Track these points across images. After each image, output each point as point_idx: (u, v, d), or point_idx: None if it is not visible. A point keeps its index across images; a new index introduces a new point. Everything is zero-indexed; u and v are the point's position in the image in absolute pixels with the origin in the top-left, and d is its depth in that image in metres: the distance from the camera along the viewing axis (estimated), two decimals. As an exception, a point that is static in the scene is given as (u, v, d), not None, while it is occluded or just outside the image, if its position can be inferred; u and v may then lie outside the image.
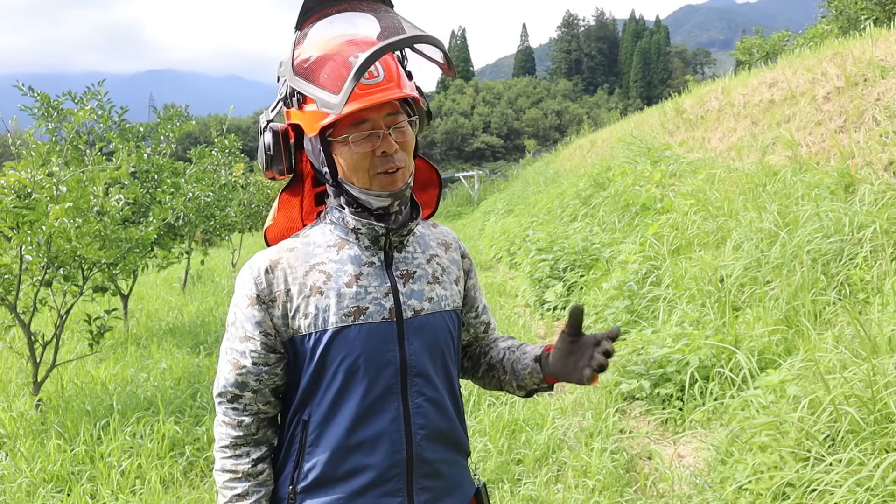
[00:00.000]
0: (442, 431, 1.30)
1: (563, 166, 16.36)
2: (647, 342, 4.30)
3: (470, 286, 1.46)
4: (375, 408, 1.24)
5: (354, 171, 1.22)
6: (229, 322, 1.30)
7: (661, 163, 8.19)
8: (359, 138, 1.20)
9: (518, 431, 3.72)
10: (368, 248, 1.28)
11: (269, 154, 1.28)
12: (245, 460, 1.27)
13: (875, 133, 5.01)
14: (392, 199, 1.24)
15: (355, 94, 1.15)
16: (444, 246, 1.41)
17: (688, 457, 3.39)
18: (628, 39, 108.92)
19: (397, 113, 1.22)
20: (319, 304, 1.23)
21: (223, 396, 1.28)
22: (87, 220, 4.09)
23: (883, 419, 2.57)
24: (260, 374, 1.26)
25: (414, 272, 1.31)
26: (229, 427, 1.28)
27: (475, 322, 1.50)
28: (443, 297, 1.34)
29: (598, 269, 6.39)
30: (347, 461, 1.23)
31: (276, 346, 1.26)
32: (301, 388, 1.26)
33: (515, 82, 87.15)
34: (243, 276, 1.28)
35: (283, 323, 1.25)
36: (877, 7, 12.95)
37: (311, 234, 1.32)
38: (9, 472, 3.40)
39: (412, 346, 1.27)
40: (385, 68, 1.19)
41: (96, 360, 5.55)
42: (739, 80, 9.22)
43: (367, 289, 1.25)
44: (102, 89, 4.95)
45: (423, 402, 1.27)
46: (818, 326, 3.67)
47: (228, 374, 1.27)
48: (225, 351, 1.29)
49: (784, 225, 4.61)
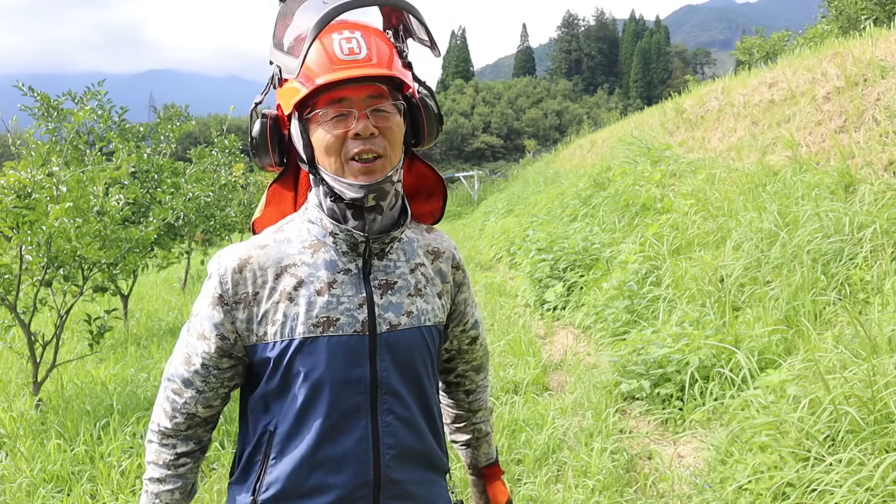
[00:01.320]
0: (413, 451, 1.23)
1: (563, 166, 16.36)
2: (647, 342, 4.30)
3: (461, 300, 1.36)
4: (342, 425, 1.16)
5: (326, 154, 1.13)
6: (193, 311, 1.22)
7: (661, 163, 8.19)
8: (331, 116, 1.11)
9: (518, 431, 3.72)
10: (346, 254, 1.18)
11: (255, 141, 1.18)
12: (169, 452, 1.23)
13: (875, 133, 5.01)
14: (366, 192, 1.13)
15: (329, 68, 1.08)
16: (433, 254, 1.30)
17: (688, 457, 3.39)
18: (628, 39, 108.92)
19: (380, 96, 1.13)
20: (288, 312, 1.15)
21: (170, 382, 1.22)
22: (87, 220, 4.09)
23: (883, 419, 2.57)
24: (207, 377, 1.19)
25: (394, 283, 1.21)
26: (163, 415, 1.23)
27: (461, 335, 1.40)
28: (423, 311, 1.24)
29: (598, 269, 6.39)
30: (310, 478, 1.16)
31: (231, 351, 1.18)
32: (267, 398, 1.19)
33: (515, 82, 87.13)
34: (211, 271, 1.19)
35: (246, 327, 1.16)
36: (877, 7, 12.95)
37: (287, 231, 1.22)
38: (9, 472, 3.40)
39: (384, 363, 1.18)
40: (369, 46, 1.11)
41: (96, 360, 5.55)
42: (739, 80, 9.22)
43: (339, 298, 1.16)
44: (102, 89, 4.96)
45: (394, 421, 1.19)
46: (818, 326, 3.67)
47: (179, 365, 1.21)
48: (183, 338, 1.22)
49: (784, 225, 4.61)
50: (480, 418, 1.51)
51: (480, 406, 1.51)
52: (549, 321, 6.40)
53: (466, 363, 1.46)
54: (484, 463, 1.52)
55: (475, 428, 1.50)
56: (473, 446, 1.51)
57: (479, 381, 1.50)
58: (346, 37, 1.10)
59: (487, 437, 1.52)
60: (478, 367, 1.48)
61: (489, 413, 1.53)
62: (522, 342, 5.34)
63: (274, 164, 1.22)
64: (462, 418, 1.51)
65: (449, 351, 1.42)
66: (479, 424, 1.51)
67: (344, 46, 1.09)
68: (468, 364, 1.46)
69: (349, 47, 1.09)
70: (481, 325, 1.46)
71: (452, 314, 1.36)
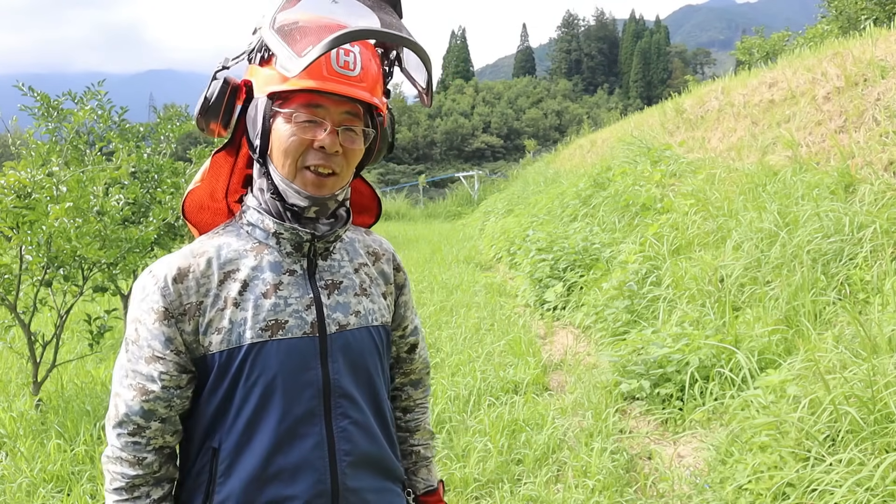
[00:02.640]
0: (369, 457, 1.19)
1: (563, 166, 16.35)
2: (647, 342, 4.30)
3: (401, 302, 1.34)
4: (295, 432, 1.11)
5: (284, 154, 1.09)
6: (129, 339, 1.12)
7: (661, 163, 8.19)
8: (304, 120, 1.08)
9: (518, 431, 3.72)
10: (290, 255, 1.15)
11: (208, 103, 1.12)
12: (144, 502, 1.12)
13: (875, 133, 5.01)
14: (311, 204, 1.12)
15: (321, 75, 1.06)
16: (374, 256, 1.29)
17: (688, 457, 3.39)
18: (628, 39, 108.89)
19: (356, 116, 1.12)
20: (234, 318, 1.10)
21: (123, 427, 1.11)
22: (87, 220, 4.08)
23: (883, 419, 2.57)
24: (171, 399, 1.10)
25: (340, 282, 1.19)
26: (127, 465, 1.11)
27: (399, 341, 1.37)
28: (370, 311, 1.22)
29: (598, 269, 6.39)
30: (265, 492, 1.10)
31: (187, 366, 1.12)
32: (209, 413, 1.12)
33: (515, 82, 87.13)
34: (145, 286, 1.11)
35: (193, 339, 1.11)
36: (877, 7, 12.94)
37: (225, 237, 1.17)
38: (9, 472, 3.40)
39: (336, 365, 1.14)
40: (365, 68, 1.10)
41: (96, 360, 5.55)
42: (739, 80, 9.23)
43: (286, 300, 1.13)
44: (102, 89, 4.95)
45: (349, 426, 1.15)
46: (818, 326, 3.67)
47: (132, 402, 1.09)
48: (125, 374, 1.11)
49: (784, 225, 4.61)
50: (419, 441, 1.43)
51: (419, 426, 1.43)
52: (549, 321, 6.40)
53: (404, 375, 1.41)
54: (423, 489, 1.41)
55: (413, 450, 1.42)
56: (411, 470, 1.41)
57: (416, 398, 1.43)
58: (345, 48, 1.08)
59: (427, 463, 1.43)
60: (416, 381, 1.43)
61: (429, 437, 1.45)
62: (522, 342, 5.34)
63: (215, 131, 1.16)
64: (399, 440, 1.40)
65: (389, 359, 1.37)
66: (418, 447, 1.42)
67: (341, 58, 1.07)
68: (406, 376, 1.41)
69: (346, 60, 1.07)
70: (421, 335, 1.42)
71: (393, 317, 1.33)
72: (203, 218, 1.27)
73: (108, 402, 1.15)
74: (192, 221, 1.26)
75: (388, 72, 1.19)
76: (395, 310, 1.33)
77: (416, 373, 1.42)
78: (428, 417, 1.46)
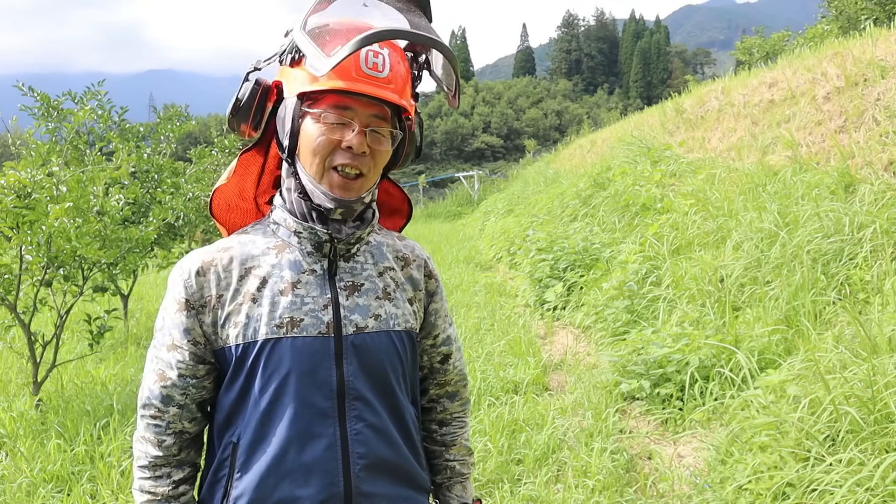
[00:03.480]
0: (385, 462, 1.16)
1: (563, 166, 16.35)
2: (647, 342, 4.30)
3: (432, 310, 1.31)
4: (309, 432, 1.11)
5: (312, 154, 1.11)
6: (157, 327, 1.18)
7: (661, 163, 8.19)
8: (331, 120, 1.09)
9: (518, 431, 3.72)
10: (311, 255, 1.17)
11: (239, 104, 1.14)
12: (165, 482, 1.16)
13: (875, 133, 5.01)
14: (337, 206, 1.13)
15: (350, 76, 1.07)
16: (403, 261, 1.28)
17: (688, 457, 3.39)
18: (628, 39, 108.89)
19: (384, 118, 1.13)
20: (251, 313, 1.12)
21: (146, 410, 1.16)
22: (87, 220, 4.08)
23: (883, 419, 2.57)
24: (187, 388, 1.14)
25: (361, 284, 1.19)
26: (150, 445, 1.16)
27: (430, 350, 1.33)
28: (393, 316, 1.20)
29: (598, 269, 6.39)
30: (277, 490, 1.11)
31: (205, 357, 1.15)
32: (228, 406, 1.15)
33: (515, 82, 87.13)
34: (173, 278, 1.17)
35: (212, 331, 1.14)
36: (877, 7, 12.94)
37: (252, 234, 1.20)
38: (9, 472, 3.40)
39: (350, 366, 1.14)
40: (393, 69, 1.11)
41: (96, 360, 5.55)
42: (739, 80, 9.22)
43: (303, 299, 1.14)
44: (102, 89, 4.95)
45: (364, 429, 1.14)
46: (818, 326, 3.67)
47: (153, 386, 1.15)
48: (151, 359, 1.17)
49: (784, 225, 4.61)
50: (454, 456, 1.38)
51: (455, 441, 1.38)
52: (549, 321, 6.40)
53: (439, 386, 1.37)
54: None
55: (448, 465, 1.37)
56: (445, 486, 1.37)
57: (453, 411, 1.39)
58: (374, 50, 1.09)
59: (462, 479, 1.38)
60: (452, 393, 1.39)
61: (466, 453, 1.39)
62: (522, 342, 5.34)
63: (247, 132, 1.19)
64: (433, 453, 1.38)
65: (421, 369, 1.34)
66: (453, 462, 1.37)
67: (370, 59, 1.08)
68: (441, 388, 1.37)
69: (374, 62, 1.08)
70: (455, 345, 1.37)
71: (423, 325, 1.31)
72: (232, 218, 1.29)
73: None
74: (220, 221, 1.28)
75: (417, 75, 1.20)
76: (425, 317, 1.31)
77: (452, 384, 1.38)
78: (466, 433, 1.41)
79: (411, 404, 1.26)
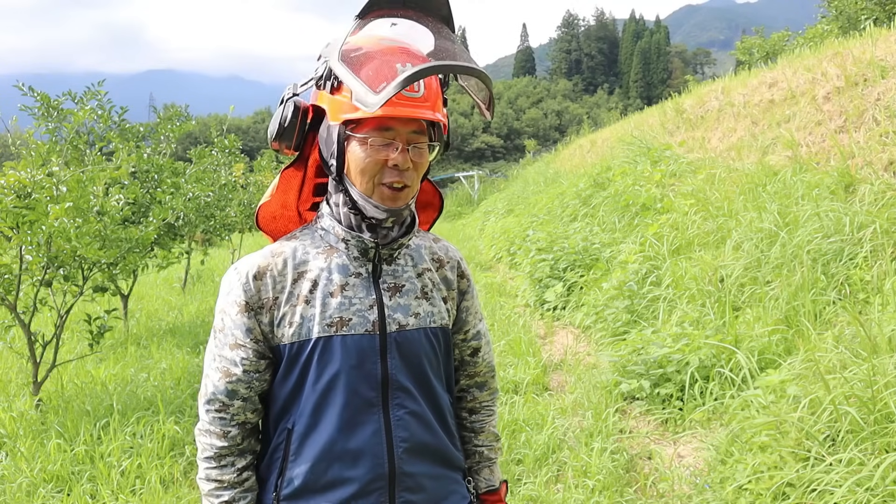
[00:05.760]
0: (425, 445, 1.29)
1: (563, 166, 16.35)
2: (647, 342, 4.30)
3: (463, 307, 1.43)
4: (357, 420, 1.23)
5: (361, 174, 1.21)
6: (217, 328, 1.28)
7: (661, 163, 8.19)
8: (378, 143, 1.19)
9: (518, 431, 3.72)
10: (357, 259, 1.28)
11: (284, 126, 1.26)
12: (230, 470, 1.27)
13: (875, 133, 5.01)
14: (388, 216, 1.23)
15: (391, 101, 1.14)
16: (438, 262, 1.39)
17: (688, 457, 3.39)
18: (628, 39, 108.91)
19: (421, 132, 1.22)
20: (305, 314, 1.23)
21: (211, 405, 1.26)
22: (87, 220, 4.08)
23: (883, 419, 2.57)
24: (251, 382, 1.25)
25: (402, 286, 1.30)
26: (215, 437, 1.26)
27: (462, 344, 1.45)
28: (429, 314, 1.32)
29: (598, 269, 6.39)
30: (329, 472, 1.23)
31: (265, 353, 1.26)
32: (284, 397, 1.26)
33: (515, 82, 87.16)
34: (231, 281, 1.27)
35: (269, 330, 1.25)
36: (877, 7, 12.95)
37: (301, 240, 1.31)
38: (9, 472, 3.40)
39: (393, 360, 1.26)
40: (427, 87, 1.20)
41: (96, 360, 5.55)
42: (739, 80, 9.22)
43: (351, 300, 1.25)
44: (102, 89, 4.95)
45: (405, 416, 1.26)
46: (818, 326, 3.67)
47: (218, 382, 1.25)
48: (213, 357, 1.27)
49: (784, 225, 4.61)
50: (483, 442, 1.49)
51: (483, 428, 1.49)
52: (549, 321, 6.40)
53: (469, 377, 1.48)
54: (484, 489, 1.48)
55: (477, 451, 1.49)
56: (474, 470, 1.49)
57: (482, 400, 1.50)
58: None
59: (490, 464, 1.49)
60: (481, 384, 1.49)
61: (494, 439, 1.51)
62: (522, 342, 5.34)
63: (290, 149, 1.29)
64: (463, 439, 1.49)
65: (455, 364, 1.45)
66: (482, 448, 1.49)
67: None
68: (470, 378, 1.48)
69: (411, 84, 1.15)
70: (484, 339, 1.48)
71: (455, 321, 1.42)
72: (276, 226, 1.41)
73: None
74: (266, 231, 1.40)
75: (444, 81, 1.29)
76: (458, 314, 1.42)
77: (481, 375, 1.49)
78: (494, 420, 1.52)
79: (446, 392, 1.37)
